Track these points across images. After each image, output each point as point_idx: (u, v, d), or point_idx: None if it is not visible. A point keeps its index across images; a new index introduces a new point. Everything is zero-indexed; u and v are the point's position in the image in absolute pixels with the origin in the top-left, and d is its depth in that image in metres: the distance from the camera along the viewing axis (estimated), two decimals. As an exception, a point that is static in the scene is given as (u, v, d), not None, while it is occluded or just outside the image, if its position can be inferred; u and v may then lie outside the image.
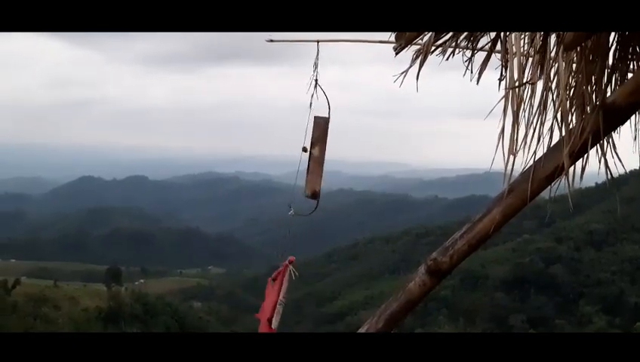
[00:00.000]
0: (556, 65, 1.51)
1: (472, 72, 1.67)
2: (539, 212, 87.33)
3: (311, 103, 2.83)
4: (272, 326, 2.93)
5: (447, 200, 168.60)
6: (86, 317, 55.85)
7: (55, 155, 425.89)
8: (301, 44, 2.77)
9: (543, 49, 1.49)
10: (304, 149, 2.83)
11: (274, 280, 3.05)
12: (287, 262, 3.01)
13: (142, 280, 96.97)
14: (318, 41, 2.75)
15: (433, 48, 1.71)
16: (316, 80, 2.78)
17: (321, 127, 2.84)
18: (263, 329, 2.97)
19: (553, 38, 1.48)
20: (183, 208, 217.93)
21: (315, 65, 2.77)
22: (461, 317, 60.50)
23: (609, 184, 1.59)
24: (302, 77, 2.85)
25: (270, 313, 2.97)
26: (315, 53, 2.79)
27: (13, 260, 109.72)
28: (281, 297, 2.91)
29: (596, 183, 77.21)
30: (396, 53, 1.79)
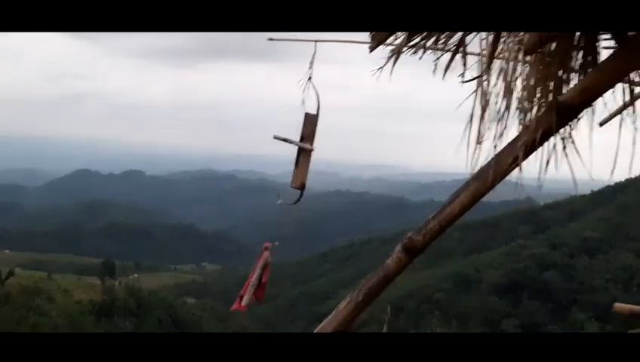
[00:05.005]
0: (518, 66, 1.67)
1: (443, 72, 1.84)
2: (534, 217, 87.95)
3: (303, 100, 2.92)
4: (242, 304, 3.09)
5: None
6: (79, 309, 55.81)
7: (52, 148, 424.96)
8: (299, 43, 2.87)
9: (507, 50, 1.66)
10: (285, 140, 2.94)
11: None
12: (264, 248, 3.16)
13: (136, 275, 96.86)
14: (316, 41, 2.85)
15: (406, 48, 1.84)
16: (310, 78, 2.87)
17: (310, 122, 2.95)
18: (237, 305, 3.14)
19: (515, 40, 1.63)
20: (179, 204, 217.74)
21: (311, 65, 2.87)
22: (454, 320, 60.66)
23: (574, 185, 1.75)
24: (301, 75, 2.94)
25: (244, 290, 3.13)
26: (319, 52, 2.89)
27: (8, 251, 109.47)
28: (254, 278, 3.06)
29: (592, 191, 77.73)
30: (370, 51, 1.95)
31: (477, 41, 1.75)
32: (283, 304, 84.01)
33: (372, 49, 1.93)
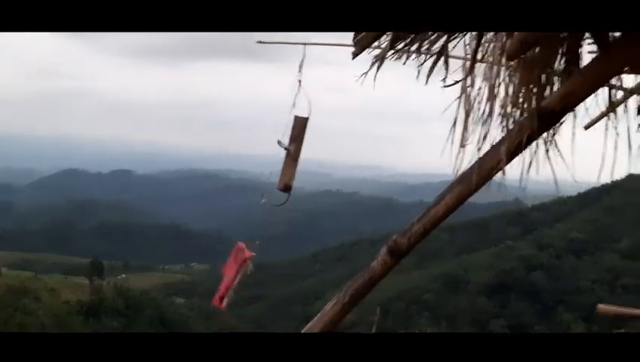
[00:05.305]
0: (501, 72, 1.70)
1: (426, 76, 1.87)
2: (522, 219, 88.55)
3: (294, 104, 2.94)
4: (223, 305, 3.14)
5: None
6: (67, 309, 55.36)
7: (40, 147, 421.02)
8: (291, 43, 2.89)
9: (491, 54, 1.68)
10: (279, 143, 2.98)
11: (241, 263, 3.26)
12: (247, 257, 3.19)
13: (124, 275, 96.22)
14: (305, 44, 2.87)
15: (392, 52, 1.85)
16: (300, 81, 2.89)
17: (299, 125, 2.98)
18: (216, 301, 3.18)
19: (498, 45, 1.66)
20: (169, 204, 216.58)
21: (300, 68, 2.88)
22: (443, 321, 60.92)
23: (556, 187, 1.78)
24: (288, 76, 2.95)
25: (224, 291, 3.17)
26: (310, 53, 2.91)
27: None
28: (235, 283, 3.11)
29: (578, 193, 78.43)
30: (353, 57, 1.96)
31: (461, 46, 1.77)
32: (273, 304, 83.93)
33: (355, 55, 1.93)
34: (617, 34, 1.61)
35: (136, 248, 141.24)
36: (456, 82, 1.80)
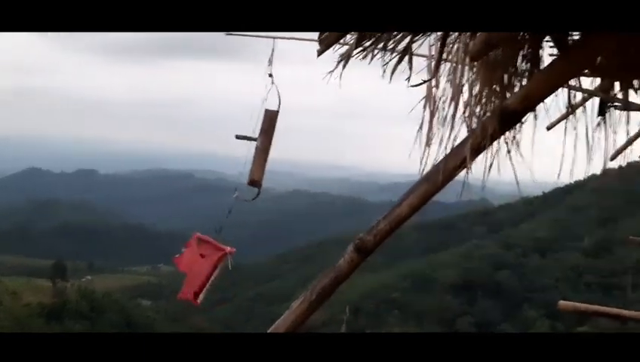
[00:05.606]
0: (465, 72, 1.73)
1: (391, 74, 1.90)
2: (488, 218, 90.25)
3: (266, 98, 2.94)
4: (198, 301, 3.04)
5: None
6: (27, 312, 53.94)
7: (1, 146, 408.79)
8: (260, 41, 2.89)
9: (455, 55, 1.72)
10: (237, 137, 2.96)
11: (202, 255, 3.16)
12: (227, 251, 3.12)
13: (88, 277, 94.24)
14: (274, 38, 2.87)
15: (358, 50, 1.87)
16: (270, 75, 2.88)
17: (268, 119, 2.96)
18: (188, 295, 3.07)
19: (462, 46, 1.69)
20: (135, 204, 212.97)
21: (270, 61, 2.89)
22: (412, 319, 61.62)
23: (518, 187, 1.83)
24: (260, 74, 2.94)
25: (199, 288, 3.07)
26: (279, 51, 2.92)
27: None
28: (212, 278, 3.02)
29: (543, 192, 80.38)
30: (318, 55, 1.98)
31: (426, 46, 1.80)
32: (241, 305, 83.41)
33: (320, 52, 1.94)
34: (576, 36, 1.66)
35: (101, 249, 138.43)
36: (424, 82, 1.82)
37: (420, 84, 1.79)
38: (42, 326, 51.33)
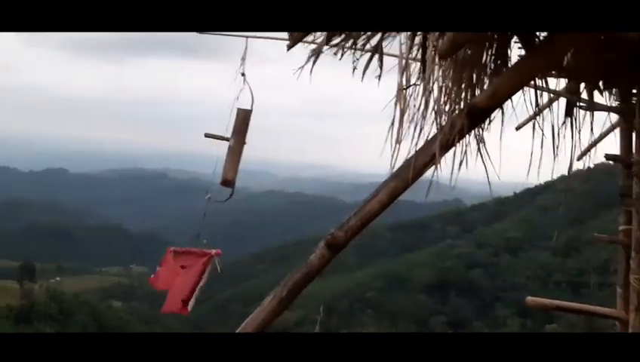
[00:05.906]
0: (434, 70, 1.75)
1: (362, 72, 1.91)
2: (461, 218, 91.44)
3: (237, 97, 2.93)
4: (188, 309, 2.99)
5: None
6: (-5, 315, 52.61)
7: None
8: (233, 41, 2.89)
9: (423, 55, 1.74)
10: (206, 135, 2.95)
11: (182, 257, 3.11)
12: (212, 254, 3.08)
13: (58, 278, 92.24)
14: (247, 37, 2.88)
15: (327, 47, 1.87)
16: (243, 73, 2.88)
17: (241, 118, 2.94)
18: (174, 306, 3.02)
19: (431, 45, 1.71)
20: (106, 204, 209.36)
21: (243, 60, 2.88)
22: (386, 318, 62.00)
23: (489, 187, 1.84)
24: (233, 74, 2.92)
25: (187, 295, 3.02)
26: (253, 51, 2.92)
27: None
28: (202, 283, 2.98)
29: (514, 193, 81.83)
30: (287, 49, 2.01)
31: (396, 45, 1.81)
32: (215, 305, 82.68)
33: (289, 47, 1.96)
34: (542, 35, 1.69)
35: (71, 250, 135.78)
36: (408, 84, 1.83)
37: (407, 87, 1.79)
38: (11, 329, 50.11)
